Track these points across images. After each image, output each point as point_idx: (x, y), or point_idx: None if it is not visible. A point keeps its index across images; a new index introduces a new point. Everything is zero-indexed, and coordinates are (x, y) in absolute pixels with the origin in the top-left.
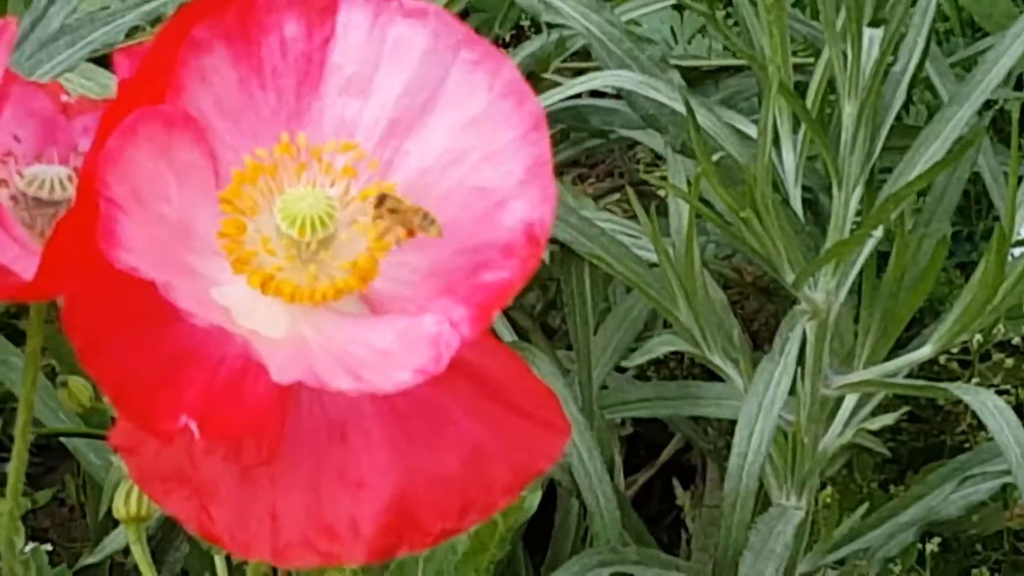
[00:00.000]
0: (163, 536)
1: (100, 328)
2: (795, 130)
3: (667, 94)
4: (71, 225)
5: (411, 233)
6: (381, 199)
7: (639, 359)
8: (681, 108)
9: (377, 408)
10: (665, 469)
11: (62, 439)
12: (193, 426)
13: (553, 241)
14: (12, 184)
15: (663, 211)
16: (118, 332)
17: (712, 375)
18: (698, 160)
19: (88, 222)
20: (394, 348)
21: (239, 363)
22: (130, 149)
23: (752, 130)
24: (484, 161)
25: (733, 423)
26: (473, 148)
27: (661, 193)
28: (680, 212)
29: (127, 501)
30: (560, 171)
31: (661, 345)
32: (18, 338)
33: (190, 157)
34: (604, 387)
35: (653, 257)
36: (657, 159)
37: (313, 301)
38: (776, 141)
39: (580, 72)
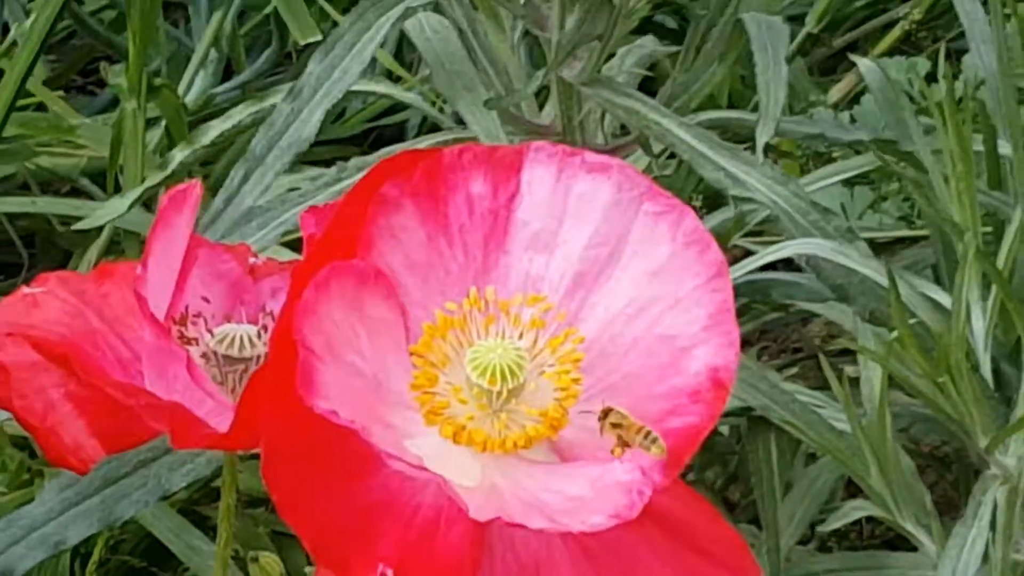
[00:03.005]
0: None
1: (297, 479)
2: (983, 297)
3: (860, 262)
4: (267, 377)
5: (627, 447)
6: (605, 413)
7: (834, 524)
8: (871, 276)
9: (569, 551)
10: None
11: None
12: (390, 575)
13: (734, 414)
14: (202, 343)
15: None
16: (315, 483)
17: (893, 546)
18: (896, 326)
19: (284, 374)
20: (587, 495)
21: (432, 512)
22: (324, 302)
23: (942, 297)
24: (669, 309)
25: None
26: (658, 297)
27: (840, 367)
28: (872, 380)
29: None
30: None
31: (854, 511)
32: (200, 523)
33: (381, 312)
34: (787, 559)
35: (840, 426)
36: (830, 336)
37: (504, 449)
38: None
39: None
